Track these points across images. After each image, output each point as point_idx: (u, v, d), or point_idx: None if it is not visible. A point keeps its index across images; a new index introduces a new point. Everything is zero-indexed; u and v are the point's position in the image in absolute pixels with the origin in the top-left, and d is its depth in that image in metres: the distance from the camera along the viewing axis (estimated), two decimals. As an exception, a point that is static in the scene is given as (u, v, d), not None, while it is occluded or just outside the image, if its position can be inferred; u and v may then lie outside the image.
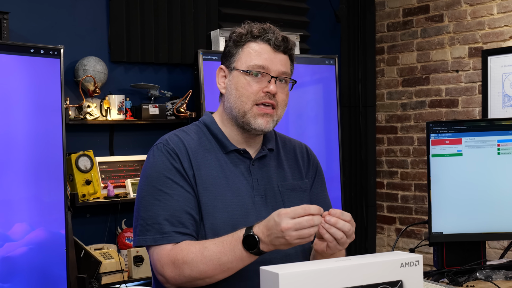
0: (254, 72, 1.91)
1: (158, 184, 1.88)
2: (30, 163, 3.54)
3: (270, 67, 1.92)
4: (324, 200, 2.10)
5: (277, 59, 1.93)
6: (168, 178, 1.88)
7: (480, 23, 4.93)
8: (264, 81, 1.92)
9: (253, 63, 1.92)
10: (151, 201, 1.87)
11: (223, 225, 1.86)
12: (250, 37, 1.94)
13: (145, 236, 1.87)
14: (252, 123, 1.93)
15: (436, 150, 2.64)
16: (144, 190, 1.90)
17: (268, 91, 1.91)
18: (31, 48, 3.56)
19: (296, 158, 2.10)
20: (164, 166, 1.90)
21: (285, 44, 1.95)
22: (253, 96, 1.92)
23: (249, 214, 1.89)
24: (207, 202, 1.89)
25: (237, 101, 1.93)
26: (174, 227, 1.84)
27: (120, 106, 4.34)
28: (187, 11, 4.74)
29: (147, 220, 1.86)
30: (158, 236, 1.84)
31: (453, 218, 2.64)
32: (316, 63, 4.86)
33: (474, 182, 2.64)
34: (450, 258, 2.67)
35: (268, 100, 1.92)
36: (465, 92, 5.03)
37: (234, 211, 1.90)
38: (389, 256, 1.63)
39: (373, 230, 5.65)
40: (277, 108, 1.95)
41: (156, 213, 1.86)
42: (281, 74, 1.94)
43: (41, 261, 3.55)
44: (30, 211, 3.53)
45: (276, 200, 1.97)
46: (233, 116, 1.96)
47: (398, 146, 5.53)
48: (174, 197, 1.86)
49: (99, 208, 4.34)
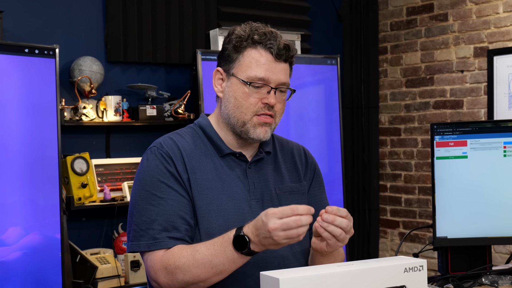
0: (256, 84, 1.91)
1: (151, 189, 1.89)
2: (24, 166, 3.54)
3: (270, 78, 1.92)
4: (322, 202, 2.10)
5: (277, 69, 1.93)
6: (162, 182, 1.89)
7: (485, 22, 4.93)
8: (263, 92, 1.93)
9: (254, 74, 1.92)
10: (145, 206, 1.88)
11: (219, 229, 1.86)
12: (250, 43, 1.93)
13: (138, 242, 1.87)
14: (251, 133, 1.94)
15: (440, 152, 2.64)
16: (138, 195, 1.91)
17: (267, 103, 1.92)
18: (25, 48, 3.57)
19: (294, 160, 2.11)
20: (158, 170, 1.90)
21: (287, 53, 1.95)
22: (252, 107, 1.93)
23: (245, 218, 1.89)
24: (202, 206, 1.89)
25: (236, 111, 1.94)
26: (167, 232, 1.85)
27: (117, 107, 4.34)
28: (185, 9, 4.74)
29: (141, 226, 1.87)
30: (152, 241, 1.85)
31: (458, 222, 2.63)
32: (318, 63, 4.87)
33: (480, 185, 2.63)
34: (455, 263, 2.67)
35: (267, 112, 1.93)
36: (470, 93, 5.03)
37: (229, 215, 1.90)
38: (393, 261, 1.63)
39: (376, 234, 5.65)
40: (275, 117, 1.96)
41: (149, 218, 1.86)
42: (281, 85, 1.94)
43: (36, 266, 3.54)
44: (25, 215, 3.53)
45: (274, 203, 1.97)
46: (231, 124, 1.96)
47: (401, 148, 5.53)
48: (168, 202, 1.87)
49: (95, 212, 4.34)
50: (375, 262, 1.62)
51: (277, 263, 1.91)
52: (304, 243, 1.96)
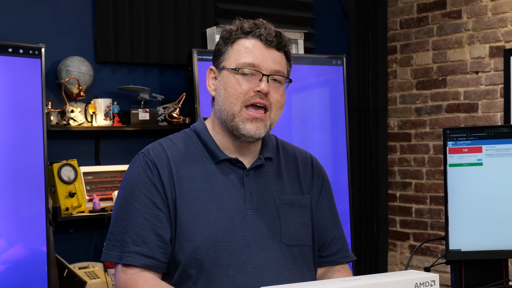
0: (245, 70, 1.91)
1: (130, 198, 1.91)
2: (7, 173, 3.54)
3: (261, 64, 1.92)
4: (332, 218, 2.10)
5: (269, 56, 1.94)
6: (141, 192, 1.91)
7: (502, 19, 4.94)
8: (255, 80, 1.92)
9: (243, 60, 1.92)
10: (122, 215, 1.91)
11: (204, 242, 1.87)
12: (240, 33, 1.95)
13: (110, 252, 1.91)
14: (241, 128, 1.92)
15: (453, 159, 2.64)
16: (117, 203, 1.95)
17: (259, 90, 1.91)
18: (9, 47, 3.57)
19: (297, 170, 2.08)
20: (139, 179, 1.92)
21: (278, 40, 1.95)
22: (242, 96, 1.92)
23: (235, 231, 1.89)
24: (188, 218, 1.89)
25: (226, 102, 1.93)
26: (136, 246, 1.87)
27: (107, 111, 4.35)
28: (180, 6, 4.75)
29: (115, 235, 1.91)
30: (121, 254, 1.88)
31: (473, 234, 2.64)
32: (322, 64, 4.87)
33: (496, 194, 2.64)
34: (469, 277, 2.67)
35: (259, 100, 1.92)
36: (485, 95, 5.04)
37: (217, 228, 1.89)
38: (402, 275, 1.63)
39: (385, 247, 5.65)
40: (270, 111, 1.94)
41: (124, 229, 1.89)
42: (274, 73, 1.94)
43: (20, 281, 3.54)
44: (8, 226, 3.53)
45: (271, 214, 1.96)
46: (223, 120, 1.96)
47: (412, 155, 5.54)
48: (143, 214, 1.89)
49: (84, 223, 4.35)
50: (383, 276, 1.63)
51: (253, 271, 1.91)
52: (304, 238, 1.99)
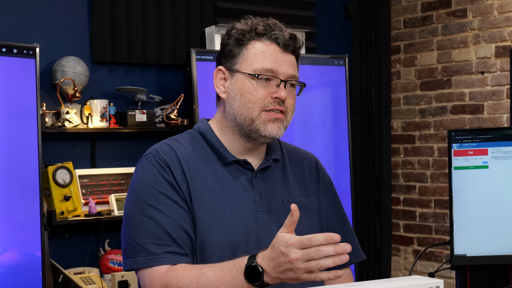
0: (263, 77, 1.92)
1: (148, 199, 1.89)
2: (1, 176, 3.54)
3: (279, 70, 1.93)
4: (339, 219, 2.13)
5: (286, 61, 1.95)
6: (159, 192, 1.89)
7: (508, 18, 4.94)
8: (272, 86, 1.94)
9: (260, 66, 1.93)
10: (141, 218, 1.88)
11: (222, 244, 1.87)
12: (254, 35, 1.96)
13: (136, 258, 1.87)
14: (262, 130, 1.93)
15: (458, 161, 2.64)
16: (133, 206, 1.91)
17: (278, 97, 1.93)
18: (2, 47, 3.58)
19: (303, 172, 2.11)
20: (154, 179, 1.90)
21: (293, 43, 1.97)
22: (260, 102, 1.93)
23: (250, 232, 1.90)
24: (203, 218, 1.89)
25: (243, 108, 1.94)
26: (166, 247, 1.85)
27: (103, 112, 4.35)
28: (178, 5, 4.75)
29: (137, 240, 1.87)
30: (150, 257, 1.85)
31: (478, 239, 2.64)
32: (324, 64, 4.88)
33: (502, 197, 2.64)
34: (475, 283, 2.67)
35: (278, 107, 1.93)
36: (491, 96, 5.04)
37: (233, 229, 1.90)
38: (406, 281, 1.63)
39: (388, 252, 5.65)
40: (286, 114, 1.96)
41: (146, 231, 1.86)
42: (291, 78, 1.96)
43: (14, 287, 3.54)
44: (2, 231, 3.53)
45: (281, 217, 1.96)
46: (237, 124, 1.96)
47: (416, 157, 5.54)
48: (167, 214, 1.87)
49: (80, 227, 4.35)
50: (387, 282, 1.63)
51: None
52: None
